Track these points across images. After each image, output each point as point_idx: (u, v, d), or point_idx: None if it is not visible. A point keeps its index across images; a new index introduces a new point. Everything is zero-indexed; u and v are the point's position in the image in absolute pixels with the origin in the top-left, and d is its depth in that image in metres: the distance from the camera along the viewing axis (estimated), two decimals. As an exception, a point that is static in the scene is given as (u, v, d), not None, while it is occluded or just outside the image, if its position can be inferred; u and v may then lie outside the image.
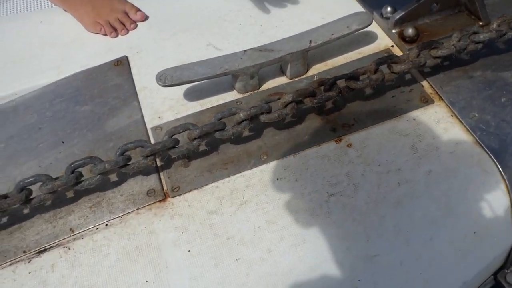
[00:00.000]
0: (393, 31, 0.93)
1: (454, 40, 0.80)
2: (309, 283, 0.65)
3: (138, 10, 1.06)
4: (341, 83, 0.79)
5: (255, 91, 0.88)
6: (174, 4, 1.09)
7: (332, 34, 0.85)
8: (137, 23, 1.05)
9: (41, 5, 1.95)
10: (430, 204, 0.71)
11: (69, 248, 0.69)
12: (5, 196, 0.68)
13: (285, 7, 1.05)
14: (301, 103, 0.77)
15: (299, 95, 0.75)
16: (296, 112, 0.77)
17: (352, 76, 0.78)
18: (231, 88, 0.88)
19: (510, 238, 0.75)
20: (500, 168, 0.73)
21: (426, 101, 0.82)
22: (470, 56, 0.85)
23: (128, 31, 1.03)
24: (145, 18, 1.06)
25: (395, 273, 0.67)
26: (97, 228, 0.71)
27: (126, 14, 1.05)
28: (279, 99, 0.76)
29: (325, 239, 0.68)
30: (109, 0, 1.06)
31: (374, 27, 0.96)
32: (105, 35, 1.02)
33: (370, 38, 0.95)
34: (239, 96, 0.87)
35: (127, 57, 0.98)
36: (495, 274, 0.83)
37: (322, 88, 0.78)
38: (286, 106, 0.75)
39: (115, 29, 1.03)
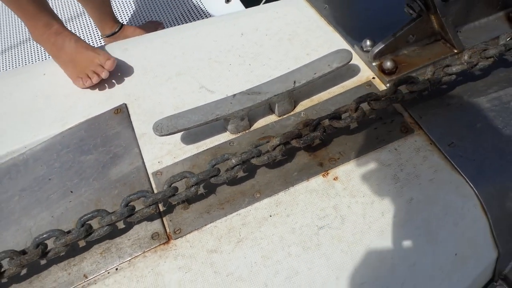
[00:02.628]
0: (373, 63, 1.02)
1: (428, 74, 0.89)
2: (302, 313, 0.74)
3: (108, 58, 1.14)
4: (325, 122, 0.88)
5: (247, 131, 0.98)
6: (167, 48, 1.20)
7: (315, 73, 0.95)
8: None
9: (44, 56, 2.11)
10: (412, 231, 0.80)
11: (84, 294, 0.80)
12: (23, 252, 0.78)
13: (272, 45, 1.15)
14: (288, 144, 0.86)
15: (286, 138, 0.85)
16: (285, 152, 0.87)
17: (335, 116, 0.87)
18: (223, 129, 0.98)
19: (492, 254, 0.84)
20: (477, 192, 0.82)
21: (407, 131, 0.91)
22: (447, 85, 0.94)
23: (100, 77, 1.14)
24: (115, 66, 1.15)
25: (383, 299, 0.76)
26: (108, 273, 0.81)
27: (101, 65, 1.15)
28: (267, 142, 0.86)
29: (316, 270, 0.77)
30: (87, 54, 1.16)
31: (356, 60, 1.06)
32: (84, 88, 1.15)
33: (352, 71, 1.05)
34: (232, 136, 0.97)
35: (126, 104, 1.08)
36: (485, 287, 0.92)
37: (307, 128, 0.87)
38: (274, 148, 0.85)
39: (90, 78, 1.14)
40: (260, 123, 0.99)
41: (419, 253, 0.78)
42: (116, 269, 0.82)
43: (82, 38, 1.20)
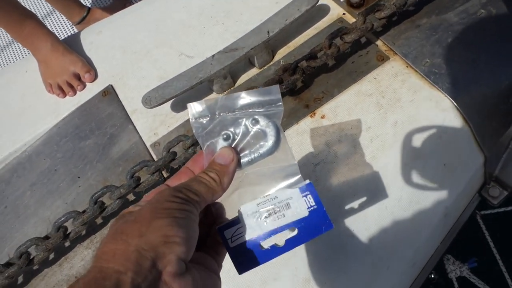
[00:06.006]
0: (341, 0, 1.06)
1: (393, -1, 0.94)
2: (308, 242, 0.82)
3: (88, 71, 1.17)
4: (303, 64, 0.94)
5: (232, 88, 1.03)
6: (140, 23, 1.24)
7: (286, 20, 1.00)
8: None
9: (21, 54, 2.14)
10: (400, 151, 0.87)
11: (111, 264, 0.88)
12: (46, 237, 0.86)
13: (241, 0, 1.18)
14: (272, 92, 0.92)
15: (268, 86, 0.90)
16: (270, 100, 0.93)
17: (311, 56, 0.93)
18: (210, 91, 1.04)
19: (478, 159, 0.92)
20: (455, 103, 0.88)
21: (382, 59, 0.97)
22: (414, 6, 0.99)
23: (75, 92, 1.17)
24: (95, 79, 1.18)
25: (384, 216, 0.84)
26: (129, 242, 0.90)
27: (76, 75, 1.17)
28: (251, 94, 0.92)
29: (318, 203, 0.85)
30: (62, 60, 1.18)
31: (325, -1, 1.10)
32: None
33: (323, 11, 1.09)
34: (219, 96, 1.03)
35: (111, 85, 1.14)
36: (479, 191, 1.00)
37: (287, 73, 0.93)
38: (259, 98, 0.91)
39: (63, 91, 1.17)
40: (243, 78, 1.05)
41: (410, 170, 0.86)
42: (136, 238, 0.90)
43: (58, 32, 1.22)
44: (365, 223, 0.83)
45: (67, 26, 2.28)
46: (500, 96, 0.92)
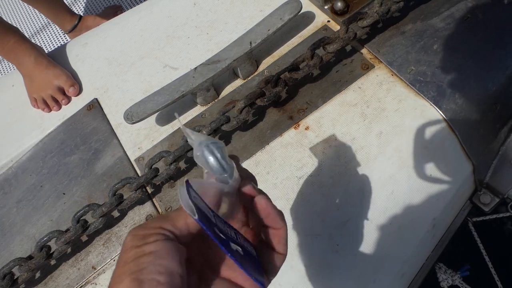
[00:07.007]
0: (325, 7, 1.05)
1: (376, 7, 0.92)
2: (293, 258, 0.81)
3: (72, 85, 1.16)
4: (286, 75, 0.92)
5: (216, 100, 1.02)
6: (125, 34, 1.23)
7: (269, 30, 0.98)
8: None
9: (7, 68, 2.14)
10: (385, 162, 0.86)
11: (96, 284, 0.87)
12: (30, 257, 0.86)
13: (225, 9, 1.17)
14: (254, 104, 0.91)
15: (250, 99, 0.89)
16: (254, 113, 0.92)
17: (293, 67, 0.91)
18: (193, 103, 1.03)
19: (467, 167, 0.90)
20: (441, 112, 0.87)
21: (367, 67, 0.95)
22: (399, 12, 0.97)
23: (60, 106, 1.17)
24: (79, 93, 1.17)
25: (369, 230, 0.83)
26: (114, 260, 0.89)
27: (61, 89, 1.16)
28: (233, 107, 0.91)
29: (302, 217, 0.84)
30: (45, 74, 1.17)
31: (309, 7, 1.08)
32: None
33: (307, 18, 1.08)
34: (202, 108, 1.02)
35: (97, 99, 1.13)
36: (470, 198, 0.99)
37: (269, 85, 0.92)
38: (241, 111, 0.90)
39: (48, 105, 1.16)
40: (228, 90, 1.03)
41: (395, 182, 0.84)
42: (120, 255, 0.89)
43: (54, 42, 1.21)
44: (349, 237, 0.82)
45: (60, 34, 2.27)
46: (487, 103, 0.90)
